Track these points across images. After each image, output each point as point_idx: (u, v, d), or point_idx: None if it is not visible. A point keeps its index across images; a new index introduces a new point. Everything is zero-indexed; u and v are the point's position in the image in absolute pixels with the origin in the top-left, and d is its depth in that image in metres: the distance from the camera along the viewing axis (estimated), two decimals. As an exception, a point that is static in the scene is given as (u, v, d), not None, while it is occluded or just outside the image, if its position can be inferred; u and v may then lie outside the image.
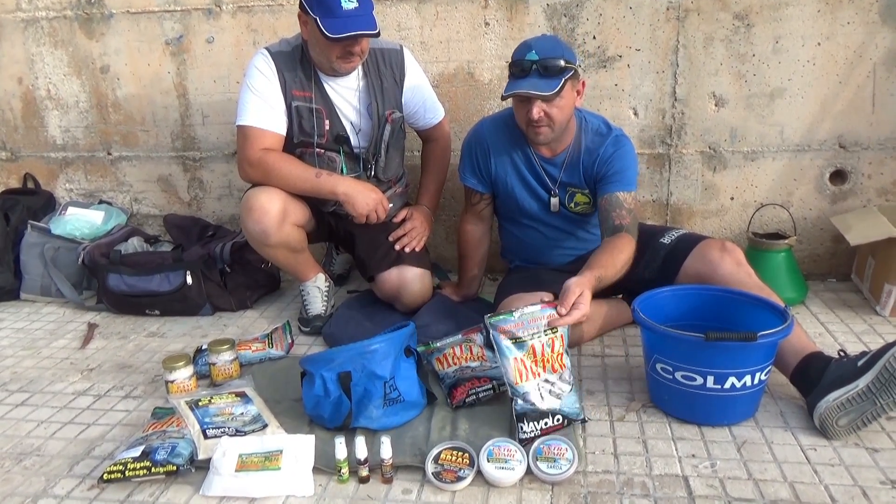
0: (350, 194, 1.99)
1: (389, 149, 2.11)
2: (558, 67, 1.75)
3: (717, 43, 2.25)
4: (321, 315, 2.17)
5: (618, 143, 1.92)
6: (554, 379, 1.54)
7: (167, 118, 2.68)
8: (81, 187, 2.87)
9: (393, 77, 2.08)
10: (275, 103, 1.97)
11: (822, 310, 2.17)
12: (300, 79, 1.99)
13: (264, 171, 1.98)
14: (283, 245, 2.06)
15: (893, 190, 2.32)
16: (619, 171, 1.89)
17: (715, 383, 1.49)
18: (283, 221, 2.00)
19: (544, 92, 1.74)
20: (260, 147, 1.97)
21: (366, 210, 2.01)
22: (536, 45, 1.79)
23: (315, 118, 2.00)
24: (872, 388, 1.42)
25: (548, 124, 1.82)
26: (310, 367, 1.59)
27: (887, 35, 2.16)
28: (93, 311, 2.44)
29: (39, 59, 2.69)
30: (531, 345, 1.52)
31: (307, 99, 1.99)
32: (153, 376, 1.92)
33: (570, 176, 1.97)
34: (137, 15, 2.55)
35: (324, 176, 1.99)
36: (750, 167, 2.36)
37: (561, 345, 1.56)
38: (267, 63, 1.97)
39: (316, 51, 1.93)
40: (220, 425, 1.53)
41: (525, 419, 1.49)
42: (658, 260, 1.94)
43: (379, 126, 2.06)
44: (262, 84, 1.96)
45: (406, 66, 2.10)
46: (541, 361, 1.53)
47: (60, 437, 1.64)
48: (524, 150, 1.98)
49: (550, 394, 1.53)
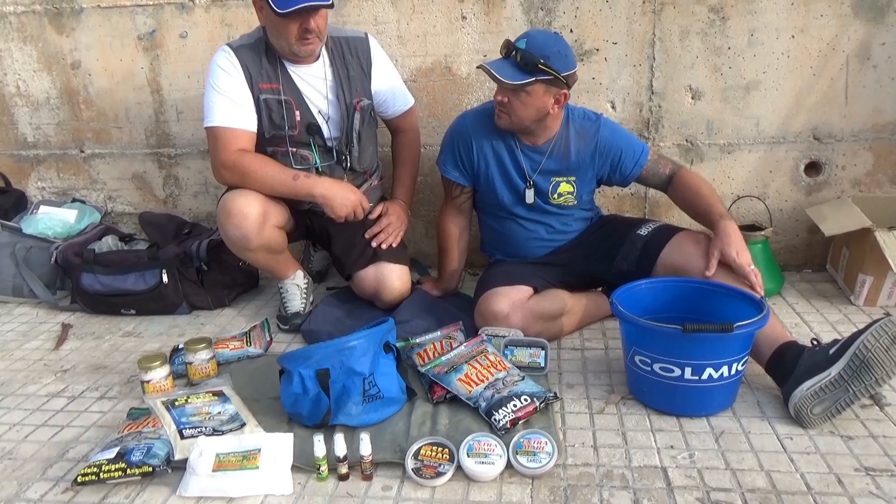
0: (328, 196, 1.96)
1: (362, 138, 2.07)
2: (534, 65, 1.75)
3: (693, 36, 2.26)
4: (300, 313, 2.15)
5: (609, 125, 1.99)
6: (502, 375, 1.65)
7: (141, 114, 2.64)
8: (54, 185, 2.81)
9: (360, 65, 2.05)
10: (242, 100, 1.93)
11: (797, 300, 2.20)
12: (266, 70, 1.95)
13: (241, 174, 1.94)
14: (264, 248, 2.03)
15: (867, 181, 2.35)
16: (628, 148, 1.97)
17: (693, 374, 1.50)
18: (263, 225, 1.97)
19: (504, 79, 1.76)
20: (234, 148, 1.93)
21: (344, 211, 1.99)
22: (533, 36, 1.79)
23: (285, 110, 1.96)
24: (844, 376, 1.44)
25: (508, 112, 1.85)
26: (288, 364, 1.57)
27: (859, 28, 2.19)
28: (67, 311, 2.40)
29: (8, 54, 2.63)
30: (468, 365, 1.67)
31: (275, 91, 1.95)
32: (129, 377, 1.90)
33: (558, 163, 1.97)
34: (109, 9, 2.51)
35: (301, 178, 1.96)
36: (726, 159, 2.38)
37: (495, 355, 1.72)
38: (229, 59, 1.93)
39: (274, 35, 1.90)
40: (197, 425, 1.51)
41: (493, 410, 1.52)
42: (636, 252, 1.95)
43: (348, 115, 2.03)
44: (226, 81, 1.92)
45: (372, 53, 2.08)
46: (483, 370, 1.66)
47: (33, 440, 1.61)
48: (507, 140, 1.98)
49: (504, 384, 1.60)
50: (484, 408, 1.55)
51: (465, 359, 1.70)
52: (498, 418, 1.50)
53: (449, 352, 1.75)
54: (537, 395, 1.57)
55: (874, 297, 2.10)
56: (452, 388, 1.62)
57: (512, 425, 1.50)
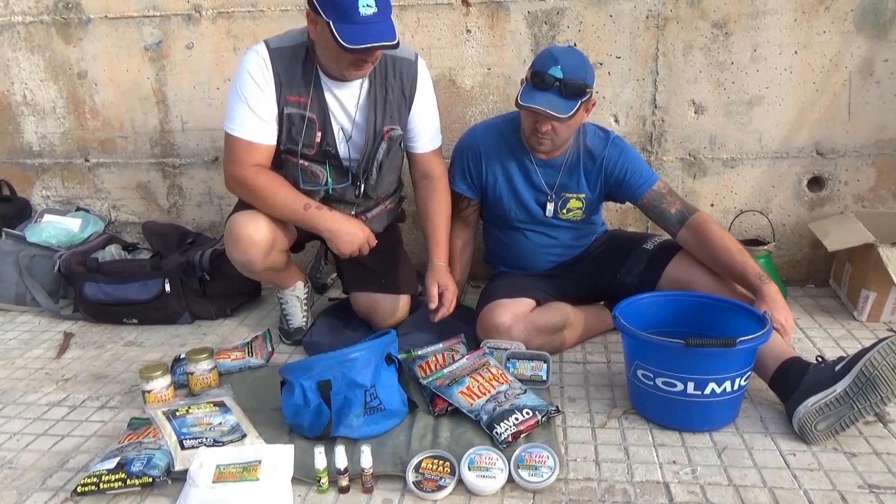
0: (334, 232, 1.87)
1: (383, 168, 1.95)
2: (579, 89, 1.75)
3: (696, 51, 2.27)
4: (302, 328, 2.14)
5: (619, 145, 1.97)
6: (503, 388, 1.64)
7: (146, 124, 2.65)
8: (58, 194, 2.82)
9: (402, 90, 1.89)
10: (266, 115, 1.81)
11: (800, 315, 2.19)
12: (298, 82, 1.81)
13: (252, 193, 1.86)
14: (269, 269, 1.99)
15: (870, 196, 2.35)
16: (635, 171, 1.93)
17: (695, 389, 1.49)
18: (269, 252, 1.91)
19: (560, 114, 1.74)
20: (250, 163, 1.83)
21: (349, 250, 1.89)
22: (563, 60, 1.76)
23: (306, 127, 1.84)
24: (850, 393, 1.44)
25: (552, 138, 1.85)
26: (289, 375, 1.57)
27: (862, 44, 2.20)
28: (69, 320, 2.40)
29: (15, 64, 2.65)
30: (469, 377, 1.67)
31: (302, 105, 1.82)
32: (130, 386, 1.89)
33: (569, 178, 1.98)
34: (116, 20, 2.53)
35: (311, 209, 1.85)
36: (729, 174, 2.38)
37: (497, 368, 1.72)
38: (260, 65, 1.78)
39: (325, 55, 1.74)
40: (198, 435, 1.50)
41: (495, 424, 1.52)
42: (640, 265, 1.95)
43: (374, 141, 1.90)
44: (254, 93, 1.79)
45: (418, 79, 1.91)
46: (485, 382, 1.65)
47: (33, 450, 1.61)
48: (519, 156, 1.99)
49: (506, 398, 1.60)
50: (485, 421, 1.55)
51: (467, 371, 1.69)
52: (500, 431, 1.50)
53: (451, 364, 1.75)
54: (539, 408, 1.57)
55: (877, 313, 2.09)
56: (454, 401, 1.62)
57: (514, 439, 1.49)
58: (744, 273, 1.72)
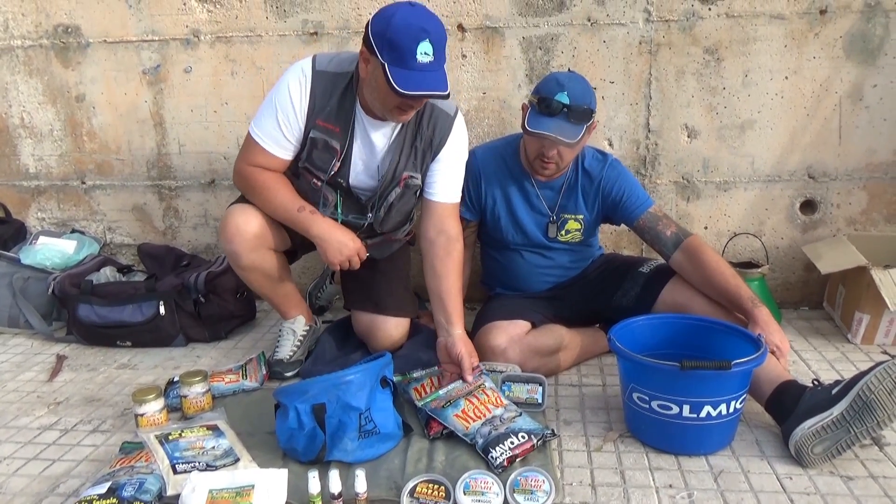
0: (324, 239, 1.86)
1: (392, 209, 1.94)
2: (586, 114, 1.79)
3: (689, 76, 2.30)
4: (283, 360, 2.04)
5: (617, 167, 1.99)
6: (499, 412, 1.63)
7: (143, 147, 2.66)
8: (54, 216, 2.82)
9: (430, 141, 1.87)
10: (290, 134, 1.82)
11: (795, 337, 2.19)
12: (333, 109, 1.80)
13: (253, 188, 1.88)
14: (257, 269, 1.97)
15: (862, 219, 2.37)
16: (632, 193, 1.96)
17: (691, 412, 1.49)
18: (257, 246, 1.92)
19: (570, 139, 1.77)
20: (259, 164, 1.86)
21: (337, 259, 1.88)
22: (569, 86, 1.79)
23: (326, 154, 1.83)
24: (847, 416, 1.43)
25: (557, 162, 1.88)
26: (283, 398, 1.56)
27: (851, 70, 2.23)
28: (62, 342, 2.39)
29: (14, 87, 2.67)
30: (465, 400, 1.66)
31: (329, 133, 1.81)
32: (122, 409, 1.88)
33: (568, 199, 2.00)
34: (115, 44, 2.55)
35: (305, 212, 1.86)
36: (723, 197, 2.40)
37: (492, 391, 1.70)
38: (301, 84, 1.78)
39: (373, 94, 1.72)
40: (191, 460, 1.49)
41: (490, 448, 1.51)
42: (636, 288, 1.96)
43: (391, 183, 1.88)
44: (286, 110, 1.79)
45: (451, 135, 1.88)
46: (480, 405, 1.64)
47: (24, 474, 1.59)
48: (520, 179, 2.01)
49: (502, 421, 1.58)
50: (481, 445, 1.54)
51: (463, 393, 1.68)
52: (495, 455, 1.48)
53: (447, 385, 1.74)
54: (535, 432, 1.56)
55: (871, 336, 2.10)
56: (449, 424, 1.61)
57: (509, 463, 1.48)
58: (737, 296, 1.73)
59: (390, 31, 1.59)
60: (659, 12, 2.26)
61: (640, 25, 2.28)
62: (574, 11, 2.29)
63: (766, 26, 2.23)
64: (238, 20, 2.45)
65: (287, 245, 2.05)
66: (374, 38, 1.62)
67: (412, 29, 1.59)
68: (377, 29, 1.62)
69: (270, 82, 1.84)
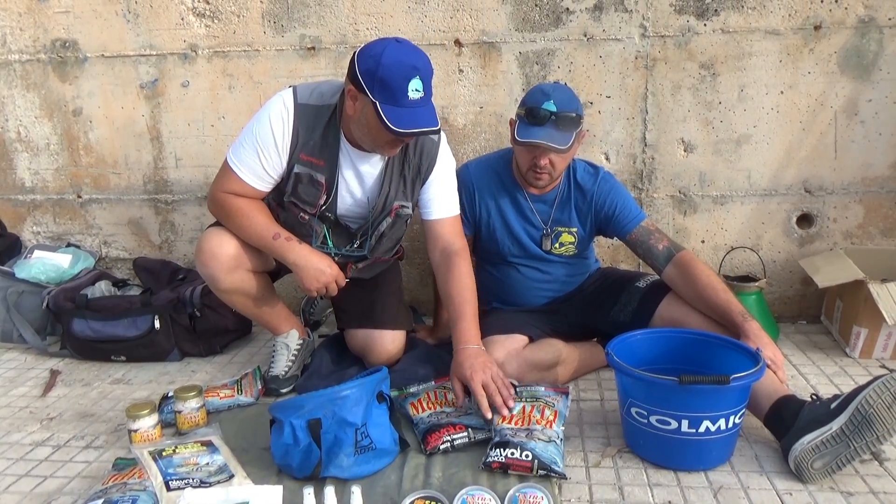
0: (300, 266, 1.82)
1: (383, 238, 1.94)
2: (574, 121, 1.81)
3: (685, 91, 2.31)
4: (279, 377, 2.00)
5: (609, 181, 2.00)
6: (538, 429, 1.59)
7: (140, 161, 2.66)
8: (49, 230, 2.81)
9: (419, 167, 1.86)
10: (270, 168, 1.79)
11: (793, 352, 2.18)
12: (317, 143, 1.78)
13: (227, 214, 1.85)
14: (238, 292, 1.94)
15: (858, 233, 2.37)
16: (624, 207, 1.96)
17: (690, 427, 1.48)
18: (234, 269, 1.88)
19: (560, 146, 1.79)
20: (235, 192, 1.83)
21: (313, 287, 1.84)
22: (554, 95, 1.81)
23: (312, 188, 1.81)
24: (846, 431, 1.42)
25: (549, 172, 1.88)
26: (279, 414, 1.54)
27: (846, 84, 2.25)
28: (56, 357, 2.37)
29: (10, 101, 2.67)
30: (525, 403, 1.66)
31: (314, 167, 1.79)
32: (116, 425, 1.86)
33: (561, 212, 2.00)
34: (112, 59, 2.56)
35: (280, 239, 1.82)
36: (719, 211, 2.41)
37: (552, 415, 1.63)
38: (283, 119, 1.75)
39: (362, 131, 1.71)
40: (185, 476, 1.47)
41: (495, 446, 1.53)
42: (633, 303, 1.96)
43: (381, 213, 1.88)
44: (267, 145, 1.76)
45: (438, 158, 1.88)
46: (528, 416, 1.62)
47: (15, 491, 1.56)
48: (512, 192, 2.01)
49: (527, 436, 1.54)
50: (494, 440, 1.56)
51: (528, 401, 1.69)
52: (490, 454, 1.51)
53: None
54: (544, 460, 1.49)
55: (869, 349, 2.09)
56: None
57: (496, 467, 1.48)
58: (727, 310, 1.73)
59: (381, 70, 1.58)
60: (655, 28, 2.27)
61: (636, 41, 2.29)
62: (570, 27, 2.31)
63: (761, 42, 2.24)
64: (236, 35, 2.46)
65: (268, 266, 2.01)
66: (364, 76, 1.60)
67: (403, 67, 1.59)
68: (366, 67, 1.60)
69: (268, 97, 1.84)
